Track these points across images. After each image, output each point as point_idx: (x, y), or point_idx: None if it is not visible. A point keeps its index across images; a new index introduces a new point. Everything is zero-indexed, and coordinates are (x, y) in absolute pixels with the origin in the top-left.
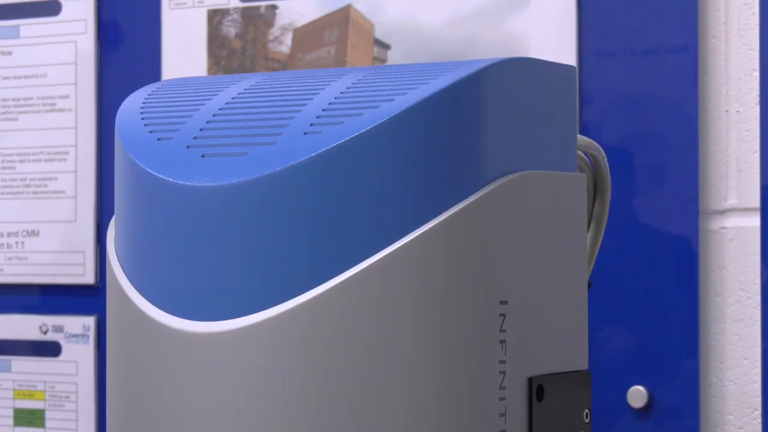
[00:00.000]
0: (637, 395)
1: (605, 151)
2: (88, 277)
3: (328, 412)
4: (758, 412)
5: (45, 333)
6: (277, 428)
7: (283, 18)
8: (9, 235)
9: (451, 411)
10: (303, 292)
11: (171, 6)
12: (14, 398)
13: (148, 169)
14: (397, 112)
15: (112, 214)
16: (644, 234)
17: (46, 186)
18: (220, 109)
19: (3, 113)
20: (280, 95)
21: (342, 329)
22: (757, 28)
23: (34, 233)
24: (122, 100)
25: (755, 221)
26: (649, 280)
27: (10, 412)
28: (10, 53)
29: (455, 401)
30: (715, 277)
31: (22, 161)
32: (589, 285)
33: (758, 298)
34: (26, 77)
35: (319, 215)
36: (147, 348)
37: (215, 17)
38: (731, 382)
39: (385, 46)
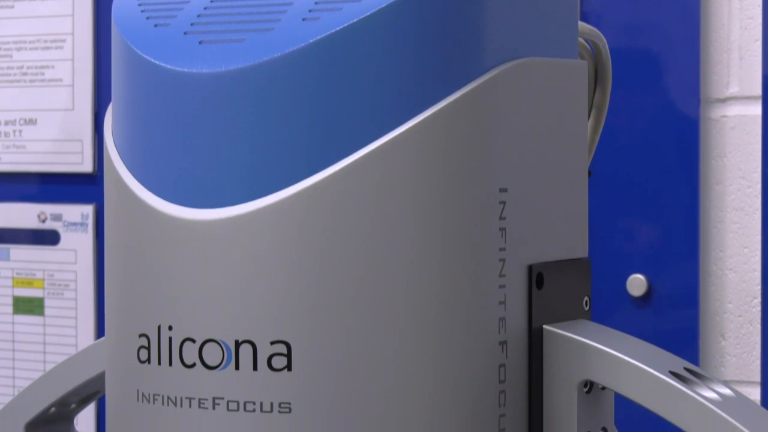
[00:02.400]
0: (637, 284)
1: (606, 40)
2: (86, 166)
3: (326, 300)
4: (758, 300)
5: (43, 222)
6: (276, 316)
7: None
8: (6, 123)
9: (451, 299)
10: (302, 180)
11: None
12: (13, 287)
13: (145, 56)
14: None
15: (109, 101)
16: (645, 123)
17: (43, 74)
18: None
19: None
20: None
21: (341, 217)
22: None
23: (31, 122)
24: None
25: (757, 109)
26: (649, 168)
27: (9, 301)
28: None
29: (455, 289)
30: (715, 166)
31: (18, 49)
32: (590, 173)
33: (759, 187)
34: None
35: (317, 102)
36: (145, 236)
37: None
38: (731, 270)
39: None
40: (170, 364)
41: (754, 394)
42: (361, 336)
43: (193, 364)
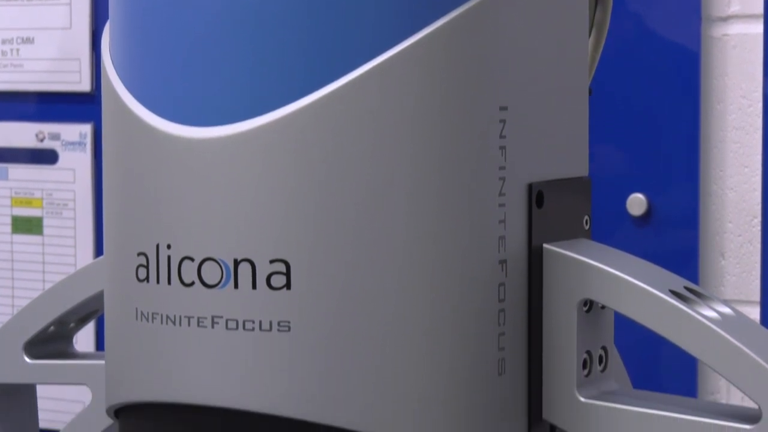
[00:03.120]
0: (637, 203)
1: None
2: (84, 85)
3: (326, 218)
4: (758, 220)
5: (42, 141)
6: (275, 234)
7: None
8: (4, 42)
9: (451, 217)
10: (301, 98)
11: None
12: (12, 206)
13: None
14: None
15: (107, 20)
16: (646, 41)
17: None
18: None
19: None
20: None
21: (341, 135)
22: None
23: (29, 40)
24: None
25: (758, 28)
26: (650, 88)
27: (8, 220)
28: None
29: (454, 208)
30: (717, 85)
31: None
32: (590, 92)
33: (760, 106)
34: None
35: (316, 19)
36: (143, 154)
37: None
38: (731, 189)
39: None
40: (169, 282)
41: (754, 313)
42: (361, 254)
43: (192, 283)
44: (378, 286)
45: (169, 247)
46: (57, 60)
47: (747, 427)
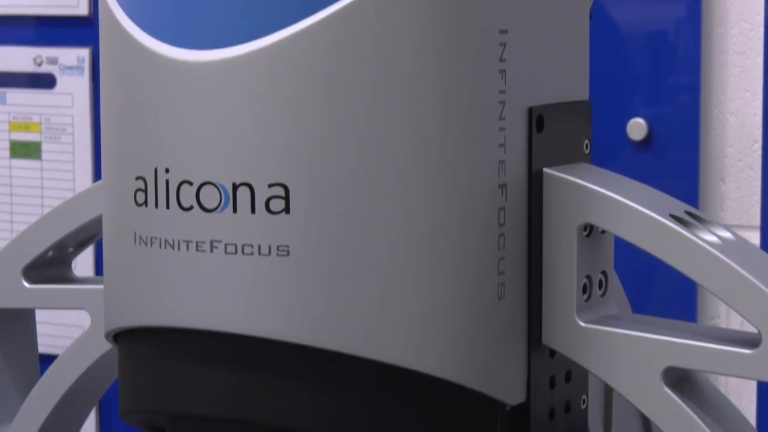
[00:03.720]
0: (637, 127)
1: None
2: (82, 9)
3: (325, 142)
4: (758, 145)
5: (39, 65)
6: (274, 158)
7: None
8: None
9: (451, 141)
10: (300, 20)
11: None
12: (10, 131)
13: None
14: None
15: None
16: None
17: None
18: None
19: None
20: None
21: (340, 57)
22: None
23: None
24: None
25: None
26: (651, 12)
27: (6, 145)
28: None
29: (454, 131)
30: (717, 9)
31: None
32: (591, 15)
33: (761, 30)
34: None
35: None
36: (141, 78)
37: None
38: (732, 114)
39: None
40: (167, 206)
41: (754, 238)
42: (360, 178)
43: (191, 207)
44: (377, 211)
45: (167, 171)
46: None
47: (747, 351)
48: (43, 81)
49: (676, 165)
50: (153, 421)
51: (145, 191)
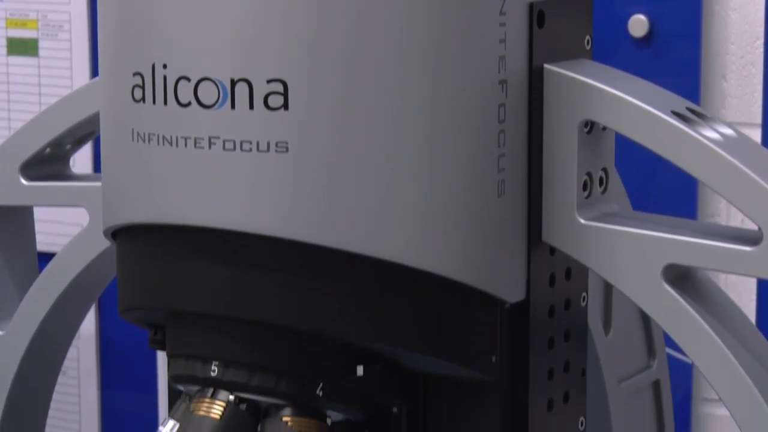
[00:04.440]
0: (639, 24)
1: None
2: None
3: (324, 37)
4: (760, 42)
5: None
6: (272, 54)
7: None
8: None
9: (451, 37)
10: None
11: None
12: (6, 27)
13: None
14: None
15: None
16: None
17: None
18: None
19: None
20: None
21: None
22: None
23: None
24: None
25: None
26: None
27: (3, 42)
28: None
29: (455, 27)
30: None
31: None
32: None
33: None
34: None
35: None
36: None
37: None
38: (734, 11)
39: None
40: (165, 102)
41: (755, 135)
42: (360, 75)
43: (189, 103)
44: (377, 107)
45: (165, 66)
46: None
47: (748, 248)
48: None
49: (677, 62)
50: (152, 319)
51: (143, 87)
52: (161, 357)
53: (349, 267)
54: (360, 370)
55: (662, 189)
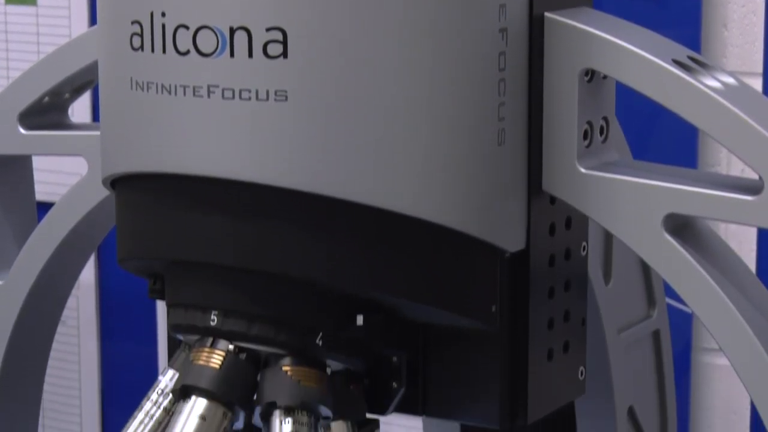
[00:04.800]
0: None
1: None
2: None
3: None
4: None
5: None
6: (271, 1)
7: None
8: None
9: None
10: None
11: None
12: None
13: None
14: None
15: None
16: None
17: None
18: None
19: None
20: None
21: None
22: None
23: None
24: None
25: None
26: None
27: None
28: None
29: None
30: None
31: None
32: None
33: None
34: None
35: None
36: None
37: None
38: None
39: None
40: (164, 51)
41: (756, 84)
42: (358, 22)
43: (187, 52)
44: (376, 56)
45: (163, 14)
46: None
47: (748, 198)
48: None
49: (677, 11)
50: (151, 268)
51: (141, 35)
52: (161, 306)
53: (348, 216)
54: (360, 320)
55: (663, 138)
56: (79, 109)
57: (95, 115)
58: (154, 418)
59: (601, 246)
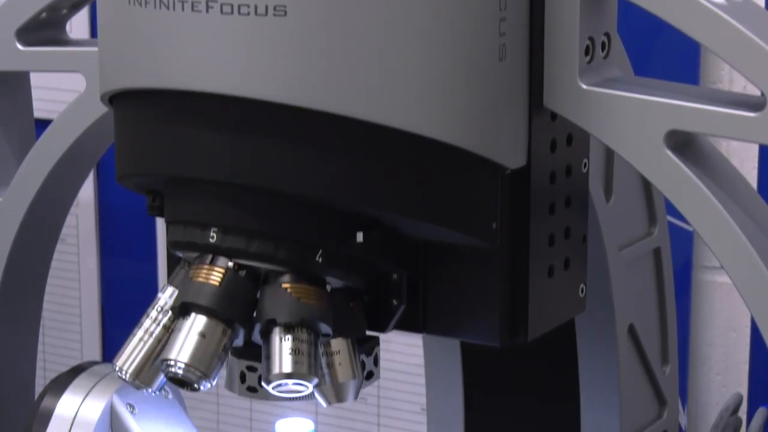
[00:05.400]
0: None
1: None
2: None
3: None
4: None
5: None
6: None
7: None
8: None
9: None
10: None
11: None
12: None
13: None
14: None
15: None
16: None
17: None
18: None
19: None
20: None
21: None
22: None
23: None
24: None
25: None
26: None
27: None
28: None
29: None
30: None
31: None
32: None
33: None
34: None
35: None
36: None
37: None
38: None
39: None
40: None
41: (760, 0)
42: None
43: None
44: None
45: None
46: None
47: (750, 114)
48: None
49: None
50: (150, 185)
51: None
52: (160, 224)
53: (346, 132)
54: (359, 237)
55: (664, 54)
56: (78, 25)
57: (93, 31)
58: (154, 336)
59: (602, 163)
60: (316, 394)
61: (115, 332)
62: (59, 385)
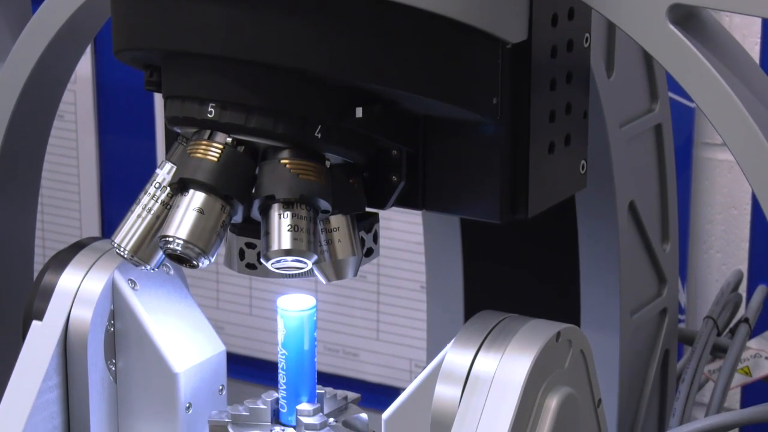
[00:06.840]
0: None
1: None
2: None
3: None
4: None
5: None
6: None
7: None
8: None
9: None
10: None
11: None
12: None
13: None
14: None
15: None
16: None
17: None
18: None
19: None
20: None
21: None
22: None
23: None
24: None
25: None
26: None
27: None
28: None
29: None
30: None
31: None
32: None
33: None
34: None
35: None
36: None
37: None
38: None
39: None
40: None
41: None
42: None
43: None
44: None
45: None
46: None
47: None
48: None
49: None
50: (147, 60)
51: None
52: (158, 100)
53: (345, 5)
54: (359, 112)
55: None
56: None
57: None
58: (152, 212)
59: (603, 38)
60: (316, 271)
61: (113, 209)
62: (60, 261)
